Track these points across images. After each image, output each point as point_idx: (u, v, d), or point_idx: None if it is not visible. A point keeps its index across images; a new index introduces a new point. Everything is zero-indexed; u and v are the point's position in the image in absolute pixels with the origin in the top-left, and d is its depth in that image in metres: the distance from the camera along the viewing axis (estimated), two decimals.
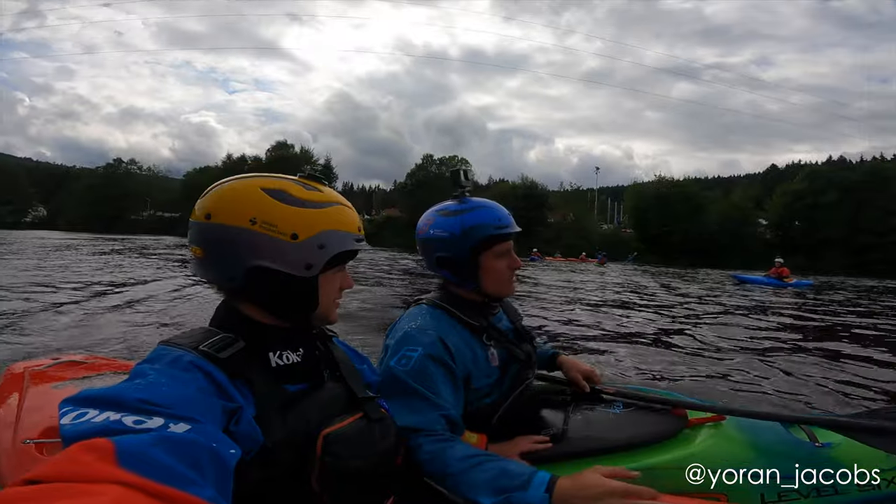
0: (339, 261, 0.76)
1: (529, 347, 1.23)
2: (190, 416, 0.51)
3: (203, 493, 0.42)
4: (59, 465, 0.38)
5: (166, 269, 9.85)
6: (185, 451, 0.45)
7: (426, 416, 0.94)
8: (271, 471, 0.63)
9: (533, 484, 0.79)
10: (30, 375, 1.36)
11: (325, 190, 0.77)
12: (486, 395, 1.12)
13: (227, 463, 0.49)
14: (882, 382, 3.51)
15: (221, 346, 0.67)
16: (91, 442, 0.41)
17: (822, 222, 35.38)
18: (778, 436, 1.16)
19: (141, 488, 0.38)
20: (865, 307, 9.04)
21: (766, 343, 4.91)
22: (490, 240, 1.12)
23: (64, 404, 0.50)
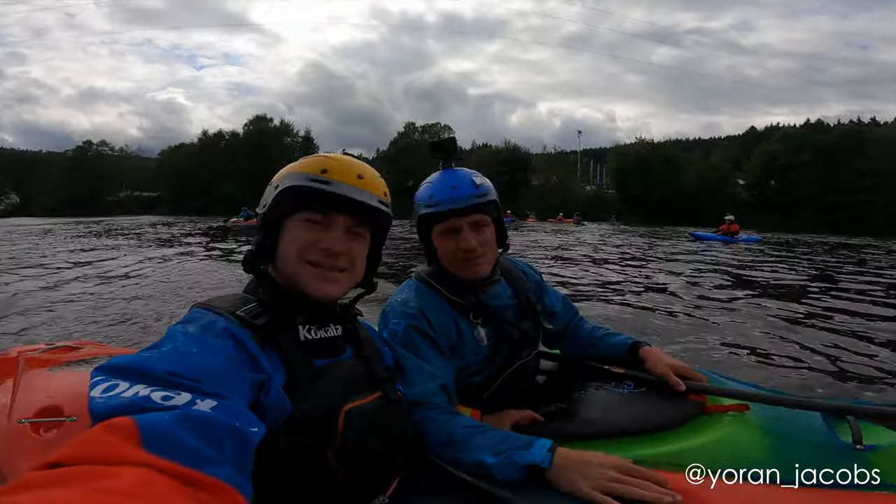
0: (298, 205, 0.73)
1: (529, 325, 1.16)
2: (217, 391, 0.52)
3: (223, 473, 0.43)
4: (82, 447, 0.39)
5: (147, 249, 9.85)
6: (207, 430, 0.45)
7: (423, 387, 0.93)
8: (293, 443, 0.64)
9: (535, 445, 0.80)
10: (24, 360, 1.36)
11: (331, 154, 0.80)
12: (474, 373, 1.10)
13: (248, 441, 0.49)
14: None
15: (257, 313, 0.69)
16: (115, 422, 0.42)
17: (796, 182, 36.65)
18: (810, 432, 0.96)
19: (163, 470, 0.39)
20: (821, 262, 9.64)
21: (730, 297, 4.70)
22: (425, 219, 1.08)
23: (96, 373, 0.52)
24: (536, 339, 1.19)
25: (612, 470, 0.76)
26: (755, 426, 0.97)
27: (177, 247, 10.34)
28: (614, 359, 1.23)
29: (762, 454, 0.90)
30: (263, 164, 44.92)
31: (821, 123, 42.90)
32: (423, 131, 52.21)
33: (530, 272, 1.30)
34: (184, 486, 0.39)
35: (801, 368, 2.92)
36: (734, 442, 0.93)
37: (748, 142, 55.92)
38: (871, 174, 34.11)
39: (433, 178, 1.10)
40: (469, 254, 1.05)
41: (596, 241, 14.43)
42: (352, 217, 0.76)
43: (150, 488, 0.36)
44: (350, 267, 0.77)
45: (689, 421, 1.00)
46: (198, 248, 10.02)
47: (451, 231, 1.06)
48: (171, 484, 0.38)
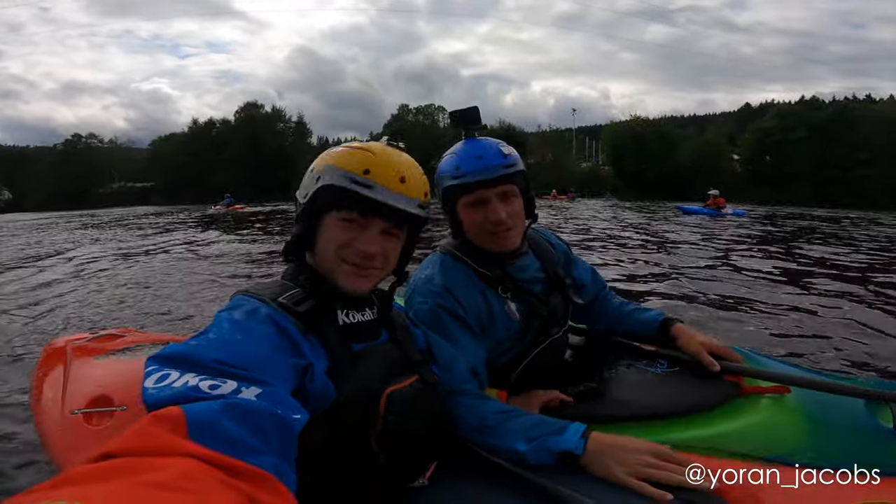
0: (336, 202, 0.73)
1: (559, 300, 1.11)
2: (261, 378, 0.53)
3: (266, 462, 0.44)
4: (131, 439, 0.40)
5: (148, 238, 9.70)
6: (252, 418, 0.47)
7: (453, 371, 0.90)
8: (337, 428, 0.66)
9: (569, 430, 0.79)
10: (71, 350, 1.38)
11: (383, 146, 0.78)
12: (504, 351, 1.05)
13: (291, 428, 0.50)
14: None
15: (298, 299, 0.70)
16: (163, 412, 0.44)
17: (791, 158, 36.78)
18: (852, 418, 0.92)
19: (207, 460, 0.40)
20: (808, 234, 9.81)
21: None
22: (450, 191, 1.03)
23: (149, 363, 0.54)
24: (566, 315, 1.14)
25: (648, 455, 0.74)
26: (794, 410, 0.93)
27: (166, 236, 10.16)
28: (643, 336, 1.19)
29: (801, 440, 0.86)
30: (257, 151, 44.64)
31: (816, 100, 42.84)
32: (418, 112, 51.72)
33: (558, 242, 1.24)
34: (227, 477, 0.40)
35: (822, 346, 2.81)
36: (772, 426, 0.89)
37: (743, 118, 56.01)
38: (866, 149, 34.23)
39: (457, 148, 1.04)
40: (498, 226, 1.00)
41: (587, 216, 14.73)
42: (388, 220, 0.75)
43: (193, 480, 0.37)
44: (384, 265, 0.78)
45: (725, 403, 0.95)
46: (184, 237, 9.77)
47: (478, 203, 1.01)
48: (215, 474, 0.39)
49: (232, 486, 0.39)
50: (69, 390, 1.18)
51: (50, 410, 1.16)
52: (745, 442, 0.86)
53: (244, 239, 9.07)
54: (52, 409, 1.15)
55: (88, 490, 0.33)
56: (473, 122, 1.05)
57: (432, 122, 50.22)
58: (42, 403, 1.22)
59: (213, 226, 12.75)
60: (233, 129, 47.38)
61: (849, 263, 5.95)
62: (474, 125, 1.05)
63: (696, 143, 42.45)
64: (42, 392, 1.26)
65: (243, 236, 9.61)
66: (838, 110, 38.59)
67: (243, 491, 0.39)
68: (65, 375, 1.25)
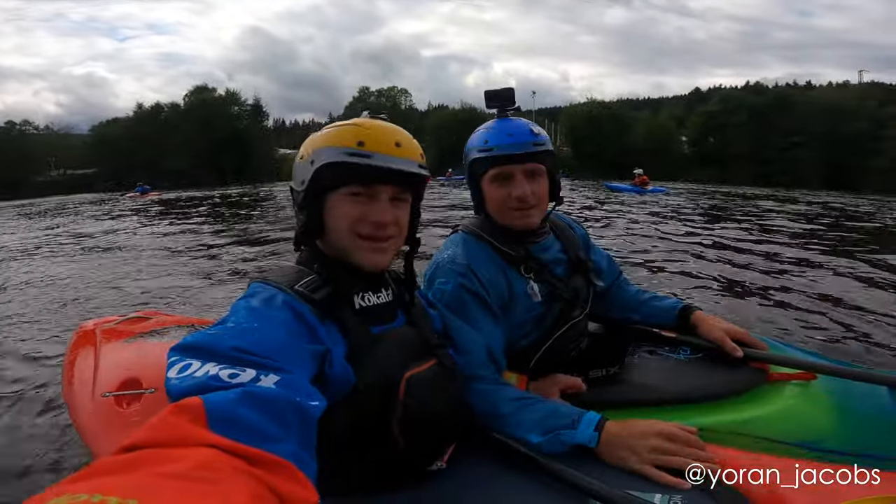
0: (339, 181, 0.72)
1: (580, 282, 1.10)
2: (280, 365, 0.54)
3: (286, 450, 0.44)
4: (152, 431, 0.41)
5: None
6: (270, 407, 0.47)
7: (470, 356, 0.90)
8: (357, 413, 0.66)
9: (582, 422, 0.79)
10: (101, 332, 1.42)
11: (360, 119, 0.77)
12: (524, 334, 1.04)
13: (310, 416, 0.51)
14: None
15: (315, 287, 0.70)
16: (184, 403, 0.45)
17: (733, 140, 39.12)
18: (877, 406, 0.93)
19: (227, 450, 0.40)
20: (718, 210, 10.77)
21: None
22: (477, 164, 1.04)
23: (171, 353, 0.55)
24: (587, 299, 1.12)
25: (657, 439, 0.75)
26: (821, 397, 0.93)
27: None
28: (662, 324, 1.18)
29: (828, 426, 0.86)
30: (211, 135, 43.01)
31: (759, 85, 45.16)
32: (380, 95, 51.15)
33: (577, 227, 1.24)
34: (246, 466, 0.40)
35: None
36: (799, 413, 0.89)
37: (693, 102, 58.03)
38: (800, 133, 36.64)
39: (489, 124, 1.05)
40: (522, 202, 1.00)
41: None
42: (394, 185, 0.75)
43: (212, 470, 0.37)
44: (398, 233, 0.78)
45: (751, 389, 0.95)
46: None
47: (503, 178, 1.01)
48: (235, 464, 0.39)
49: (251, 475, 0.39)
50: (100, 373, 1.20)
51: (81, 393, 1.17)
52: (773, 428, 0.85)
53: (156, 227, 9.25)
54: (84, 392, 1.16)
55: (107, 482, 0.33)
56: (507, 102, 1.06)
57: (394, 105, 49.81)
58: (74, 387, 1.24)
59: (128, 214, 12.74)
60: (183, 113, 45.42)
61: (728, 235, 6.95)
62: (508, 105, 1.06)
63: (648, 126, 44.14)
64: (74, 375, 1.28)
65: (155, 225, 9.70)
66: (777, 96, 40.94)
67: (262, 479, 0.40)
68: (95, 358, 1.27)
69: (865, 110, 35.77)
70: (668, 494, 0.69)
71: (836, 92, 43.32)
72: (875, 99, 36.65)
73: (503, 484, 0.76)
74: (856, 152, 34.53)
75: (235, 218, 10.48)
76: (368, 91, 52.72)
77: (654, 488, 0.70)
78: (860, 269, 4.61)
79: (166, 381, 0.51)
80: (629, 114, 47.46)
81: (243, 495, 0.37)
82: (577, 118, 45.03)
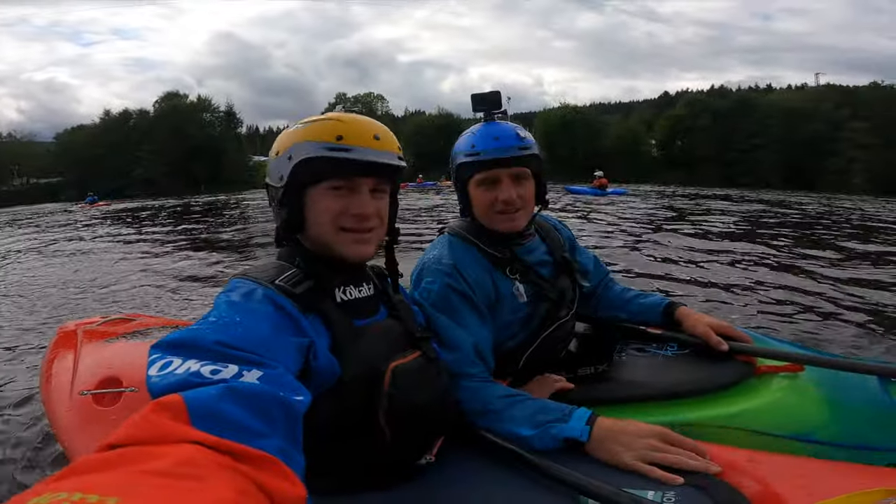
0: (319, 175, 0.72)
1: (566, 283, 1.11)
2: (264, 360, 0.53)
3: (272, 445, 0.44)
4: (134, 428, 0.40)
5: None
6: (254, 402, 0.46)
7: (459, 353, 0.91)
8: (343, 404, 0.66)
9: (573, 417, 0.78)
10: (82, 333, 1.38)
11: (337, 114, 0.77)
12: (512, 335, 1.05)
13: (295, 410, 0.50)
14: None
15: (296, 281, 0.69)
16: (164, 400, 0.44)
17: (699, 142, 40.62)
18: (867, 396, 0.94)
19: (211, 446, 0.40)
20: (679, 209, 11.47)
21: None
22: (463, 168, 1.05)
23: (153, 351, 0.54)
24: (574, 299, 1.13)
25: (654, 439, 0.74)
26: (810, 388, 0.93)
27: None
28: (648, 321, 1.19)
29: (819, 417, 0.87)
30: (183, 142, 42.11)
31: (723, 89, 47.00)
32: (356, 101, 51.42)
33: (563, 228, 1.25)
34: (232, 462, 0.39)
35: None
36: (788, 405, 0.89)
37: (663, 105, 59.92)
38: (761, 135, 38.26)
39: (475, 128, 1.07)
40: (507, 206, 1.02)
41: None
42: (374, 178, 0.75)
43: (195, 466, 0.36)
44: (379, 224, 0.78)
45: (740, 383, 0.96)
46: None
47: (490, 181, 1.02)
48: (220, 460, 0.39)
49: (236, 471, 0.39)
50: (79, 372, 1.18)
51: (59, 391, 1.15)
52: (764, 421, 0.85)
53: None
54: (62, 390, 1.14)
55: (88, 481, 0.32)
56: (494, 106, 1.07)
57: (371, 111, 50.00)
58: (52, 384, 1.21)
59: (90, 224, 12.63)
60: (153, 120, 44.49)
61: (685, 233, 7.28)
62: (495, 108, 1.08)
63: (619, 130, 45.46)
64: (52, 373, 1.26)
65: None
66: (739, 99, 42.60)
67: (248, 475, 0.39)
68: (75, 357, 1.25)
69: (821, 113, 37.46)
70: (660, 491, 0.68)
71: (794, 94, 45.42)
72: (831, 101, 38.38)
73: (493, 478, 0.76)
74: (813, 153, 36.16)
75: (208, 227, 10.44)
76: (345, 97, 52.90)
77: (647, 485, 0.69)
78: (800, 261, 4.97)
79: (147, 380, 0.51)
80: (601, 118, 48.70)
81: (229, 491, 0.36)
82: (551, 123, 45.95)
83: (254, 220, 11.00)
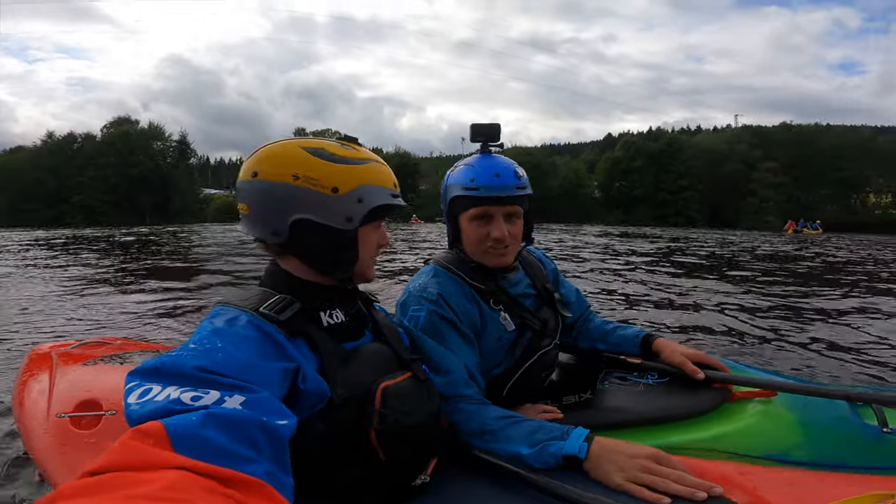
0: (376, 216, 0.77)
1: (549, 313, 1.14)
2: (246, 384, 0.52)
3: (258, 470, 0.43)
4: (117, 455, 0.39)
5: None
6: (237, 428, 0.46)
7: (451, 376, 0.92)
8: (334, 425, 0.66)
9: (572, 435, 0.79)
10: (57, 356, 1.34)
11: (361, 149, 0.79)
12: (496, 364, 1.07)
13: (279, 435, 0.49)
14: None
15: (281, 307, 0.69)
16: (143, 427, 0.43)
17: (635, 184, 43.74)
18: (838, 418, 0.97)
19: (197, 471, 0.39)
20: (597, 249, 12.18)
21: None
22: (459, 201, 1.06)
23: (130, 378, 0.52)
24: (556, 329, 1.16)
25: (646, 460, 0.74)
26: (783, 412, 0.97)
27: None
28: (627, 352, 1.24)
29: (794, 439, 0.91)
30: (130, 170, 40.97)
31: (660, 130, 50.13)
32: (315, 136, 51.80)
33: (547, 261, 1.29)
34: (220, 486, 0.39)
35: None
36: (764, 428, 0.93)
37: (606, 147, 63.49)
38: (687, 176, 41.79)
39: (473, 161, 1.08)
40: (498, 243, 1.04)
41: (434, 237, 16.29)
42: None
43: (182, 490, 0.36)
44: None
45: (717, 408, 0.99)
46: None
47: (483, 217, 1.05)
48: (206, 484, 0.38)
49: (223, 495, 0.38)
50: (55, 394, 1.15)
51: (35, 414, 1.12)
52: (742, 443, 0.89)
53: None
54: (38, 412, 1.12)
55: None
56: (493, 139, 1.09)
57: None
58: (26, 407, 1.19)
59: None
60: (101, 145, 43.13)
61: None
62: (493, 142, 1.10)
63: (564, 171, 48.13)
64: (26, 396, 1.22)
65: None
66: (669, 141, 45.94)
67: (236, 499, 0.39)
68: (51, 380, 1.22)
69: (737, 153, 41.12)
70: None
71: (715, 136, 49.43)
72: (746, 142, 42.21)
73: (489, 497, 0.77)
74: (732, 193, 39.59)
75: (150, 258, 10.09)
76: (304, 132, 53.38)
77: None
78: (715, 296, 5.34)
79: (125, 408, 0.49)
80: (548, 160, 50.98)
81: None
82: None
83: (211, 255, 10.41)
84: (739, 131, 47.91)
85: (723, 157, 41.60)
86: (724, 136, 47.53)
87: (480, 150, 1.11)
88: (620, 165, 45.22)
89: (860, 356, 3.13)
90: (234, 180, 0.79)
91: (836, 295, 5.54)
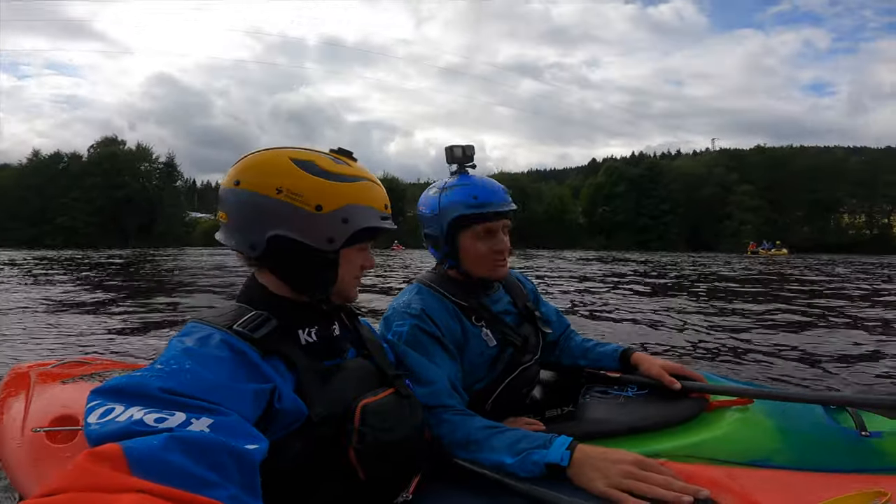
0: (363, 238, 0.74)
1: (530, 330, 1.17)
2: (215, 406, 0.51)
3: (222, 495, 0.42)
4: (73, 477, 0.38)
5: None
6: (202, 451, 0.44)
7: (434, 387, 0.93)
8: (313, 443, 0.65)
9: (555, 444, 0.79)
10: (36, 375, 1.36)
11: (355, 165, 0.76)
12: (478, 379, 1.09)
13: (248, 459, 0.47)
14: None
15: (256, 325, 0.66)
16: (100, 450, 0.41)
17: (617, 209, 44.40)
18: (815, 422, 0.99)
19: (158, 495, 0.38)
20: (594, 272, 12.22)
21: None
22: (463, 219, 1.07)
23: (92, 397, 0.50)
24: (537, 346, 1.19)
25: (630, 466, 0.73)
26: (761, 419, 0.99)
27: None
28: (607, 367, 1.28)
29: (773, 445, 0.93)
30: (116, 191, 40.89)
31: (642, 155, 51.69)
32: None
33: (527, 282, 1.33)
34: None
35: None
36: (743, 435, 0.95)
37: (590, 172, 64.26)
38: (667, 200, 42.61)
39: (460, 180, 1.11)
40: (502, 255, 1.09)
41: (416, 263, 16.05)
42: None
43: None
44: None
45: (696, 417, 1.02)
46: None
47: (488, 232, 1.08)
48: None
49: None
50: (32, 410, 1.16)
51: (10, 427, 1.12)
52: (722, 449, 0.91)
53: None
54: (13, 426, 1.12)
55: None
56: (468, 160, 1.15)
57: None
58: (2, 423, 1.19)
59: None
60: (85, 165, 43.04)
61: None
62: (467, 162, 1.15)
63: (548, 196, 48.77)
64: (3, 412, 1.23)
65: None
66: (649, 166, 46.84)
67: None
68: (27, 397, 1.23)
69: (714, 177, 41.95)
70: None
71: (693, 160, 50.35)
72: (723, 166, 43.07)
73: None
74: (710, 216, 40.35)
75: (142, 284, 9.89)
76: None
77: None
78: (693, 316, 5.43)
79: (85, 427, 0.47)
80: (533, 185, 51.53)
81: None
82: None
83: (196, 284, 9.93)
84: (717, 155, 48.93)
85: (701, 181, 42.45)
86: (703, 160, 48.43)
87: (458, 172, 1.15)
88: (603, 191, 46.04)
89: (830, 366, 3.26)
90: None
91: (798, 310, 5.85)
